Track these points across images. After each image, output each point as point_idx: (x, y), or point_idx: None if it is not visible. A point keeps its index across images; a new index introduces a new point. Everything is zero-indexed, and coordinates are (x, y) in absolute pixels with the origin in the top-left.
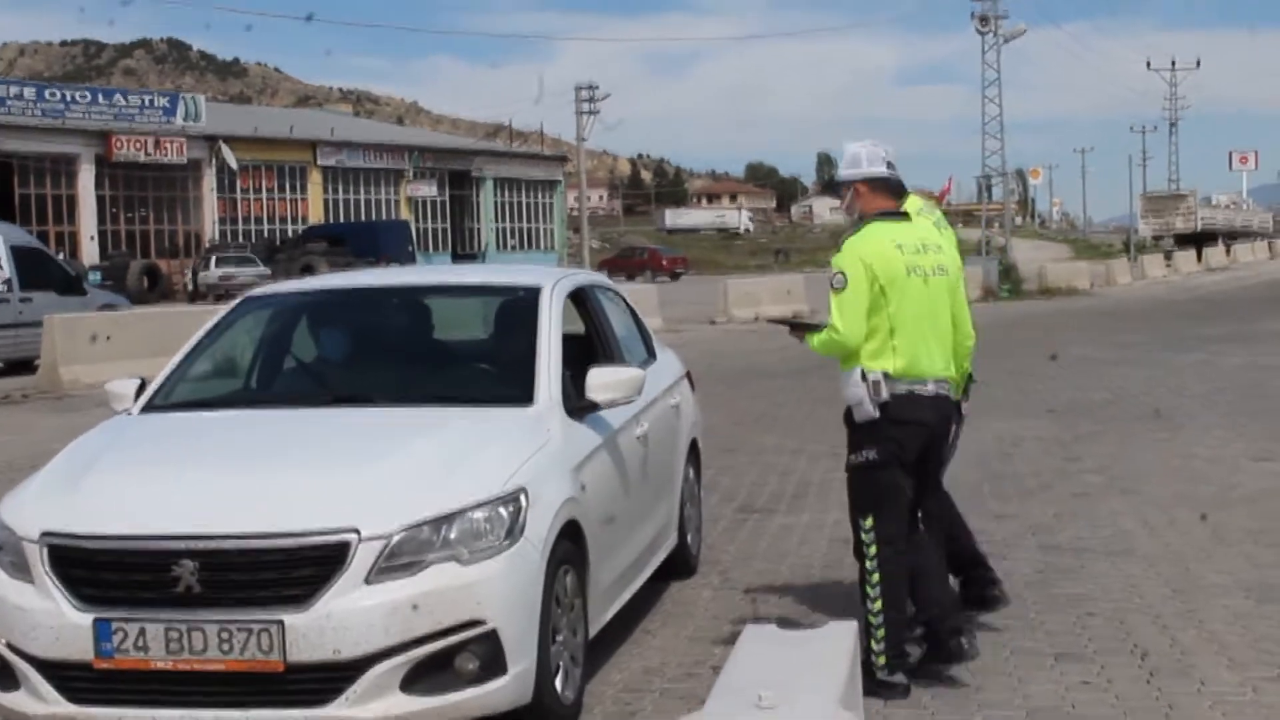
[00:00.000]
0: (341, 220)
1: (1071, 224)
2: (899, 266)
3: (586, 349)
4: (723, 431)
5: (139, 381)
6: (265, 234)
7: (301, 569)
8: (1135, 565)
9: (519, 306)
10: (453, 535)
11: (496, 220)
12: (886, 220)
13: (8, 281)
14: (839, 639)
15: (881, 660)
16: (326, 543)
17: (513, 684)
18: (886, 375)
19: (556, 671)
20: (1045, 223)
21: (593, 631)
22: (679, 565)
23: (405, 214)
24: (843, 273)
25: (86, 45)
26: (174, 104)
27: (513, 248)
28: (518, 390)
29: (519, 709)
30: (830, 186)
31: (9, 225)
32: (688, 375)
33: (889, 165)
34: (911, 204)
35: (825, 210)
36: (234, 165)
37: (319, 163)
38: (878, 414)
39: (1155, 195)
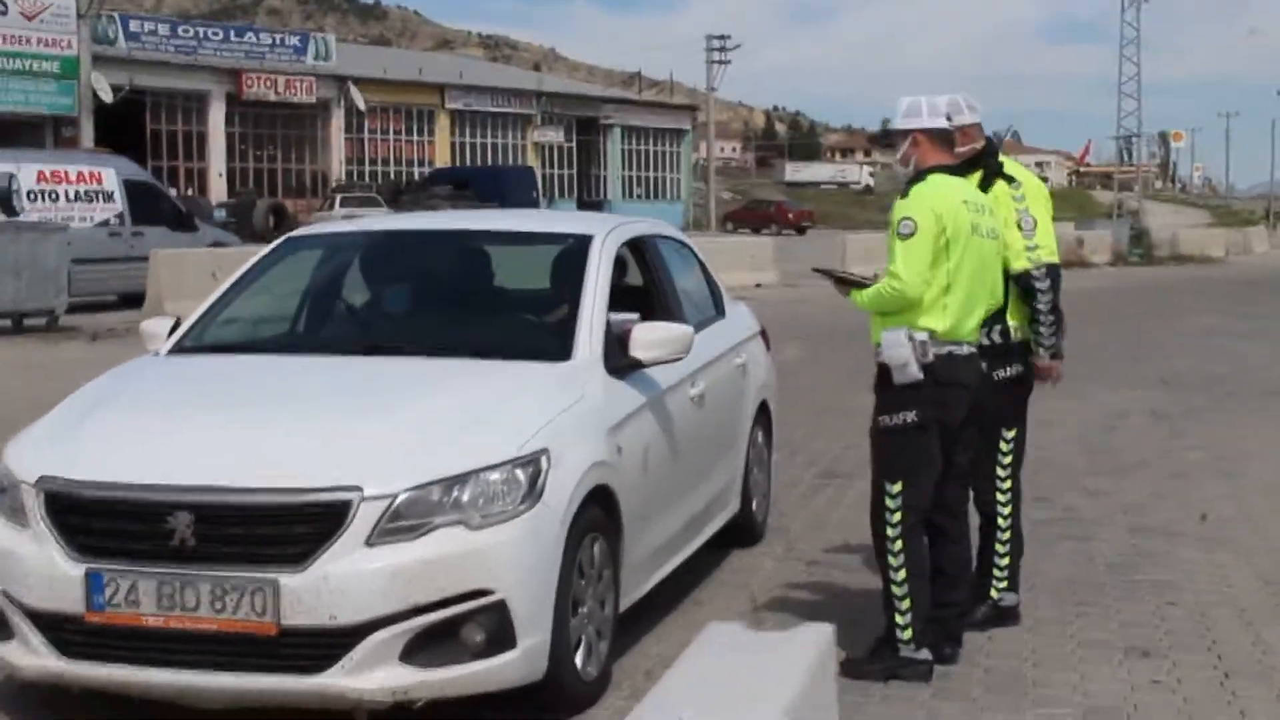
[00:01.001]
0: (468, 164)
1: (1214, 190)
2: (965, 222)
3: (645, 303)
4: (820, 391)
5: (174, 320)
6: (391, 176)
7: (299, 527)
8: (1228, 554)
9: (568, 256)
10: (464, 498)
11: (623, 168)
12: (947, 174)
13: (120, 215)
14: (806, 644)
15: (908, 635)
16: (326, 500)
17: (523, 659)
18: (931, 335)
19: (577, 646)
20: (1186, 188)
21: (625, 604)
22: (742, 532)
23: (532, 160)
24: (912, 219)
25: None
26: (305, 43)
27: (639, 196)
28: (555, 344)
29: (532, 685)
30: (884, 136)
31: (123, 159)
32: (762, 333)
33: (949, 118)
34: (1014, 168)
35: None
36: (362, 106)
37: (447, 106)
38: (921, 375)
39: None
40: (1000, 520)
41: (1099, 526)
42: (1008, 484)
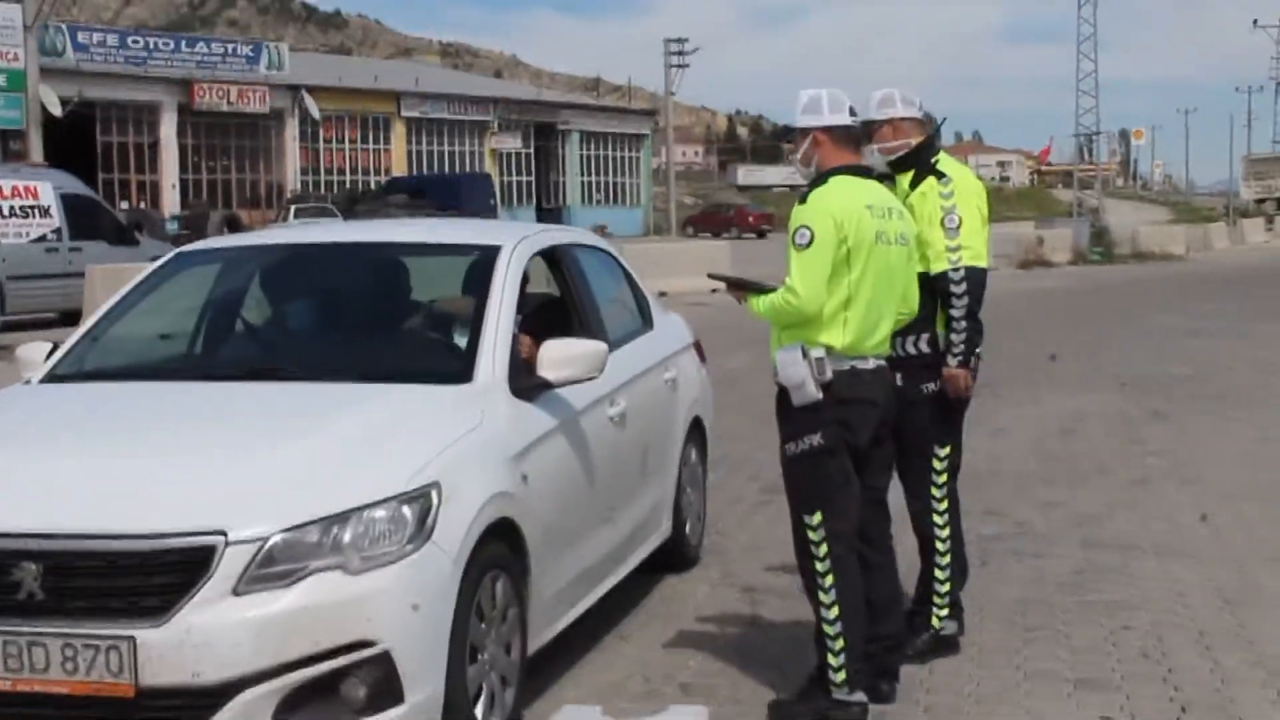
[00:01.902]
0: (425, 172)
1: (1174, 187)
2: (869, 230)
3: (561, 318)
4: (768, 400)
5: (51, 346)
6: (348, 185)
7: (158, 577)
8: (1186, 568)
9: (474, 269)
10: (345, 539)
11: (582, 174)
12: (850, 175)
13: (57, 230)
14: None
15: (841, 677)
16: (187, 545)
17: (411, 715)
18: (830, 351)
19: (477, 697)
20: (1147, 185)
21: (535, 645)
22: (674, 557)
23: (490, 167)
24: (809, 228)
25: None
26: (257, 52)
27: (598, 202)
28: (455, 366)
29: None
30: (783, 134)
31: (61, 173)
32: (696, 345)
33: (852, 113)
34: (949, 165)
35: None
36: (316, 115)
37: (403, 114)
38: (820, 395)
39: (1258, 157)
40: (939, 544)
41: (1051, 542)
42: (944, 504)
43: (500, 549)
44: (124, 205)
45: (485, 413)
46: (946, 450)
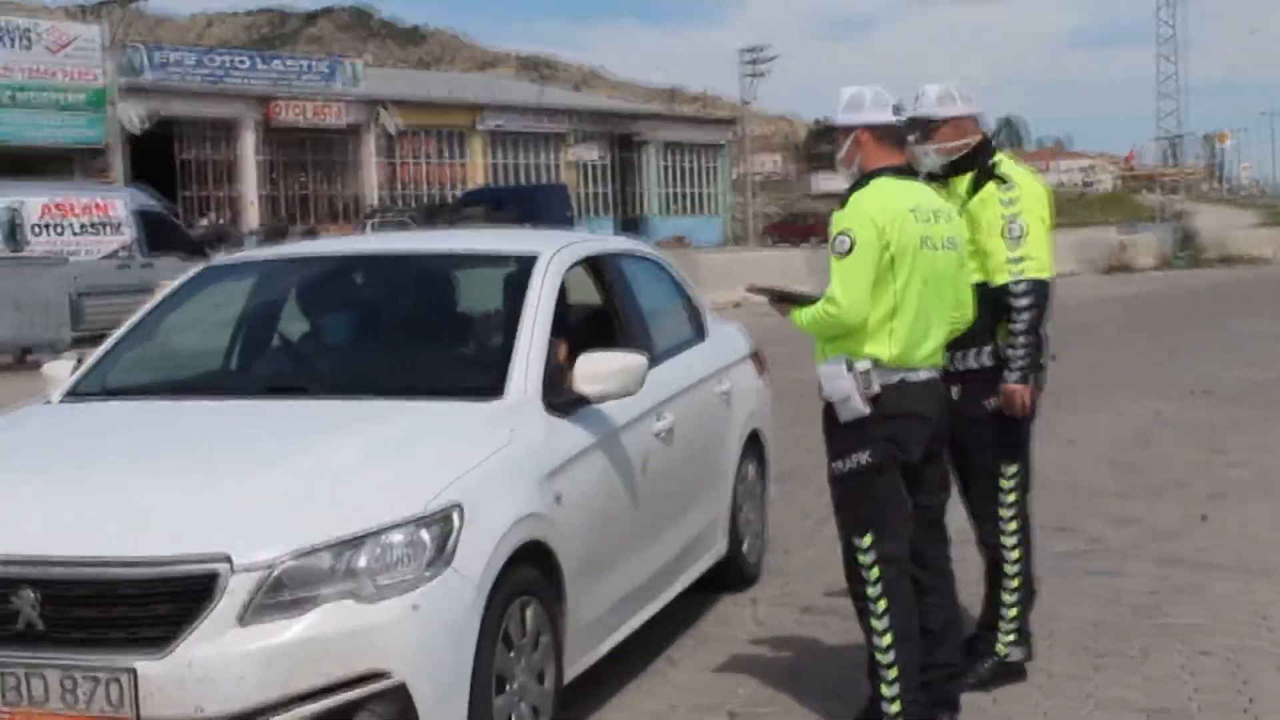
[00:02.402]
0: (503, 185)
1: (1262, 190)
2: (913, 235)
3: (605, 329)
4: None
5: (75, 361)
6: (425, 199)
7: (160, 605)
8: (1269, 588)
9: (510, 280)
10: (360, 564)
11: (661, 185)
12: (895, 177)
13: (129, 246)
14: None
15: (895, 708)
16: (189, 573)
17: None
18: (876, 363)
19: None
20: (1234, 188)
21: (572, 673)
22: (731, 576)
23: (568, 179)
24: (850, 234)
25: (272, 15)
26: (333, 69)
27: (677, 212)
28: (486, 380)
29: None
30: (824, 134)
31: (135, 189)
32: (755, 356)
33: (896, 110)
34: (1010, 167)
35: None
36: (393, 130)
37: (480, 127)
38: (868, 410)
39: None
40: (1008, 567)
41: (1126, 559)
42: (1014, 524)
43: (530, 573)
44: (204, 221)
45: (516, 430)
46: (1014, 469)
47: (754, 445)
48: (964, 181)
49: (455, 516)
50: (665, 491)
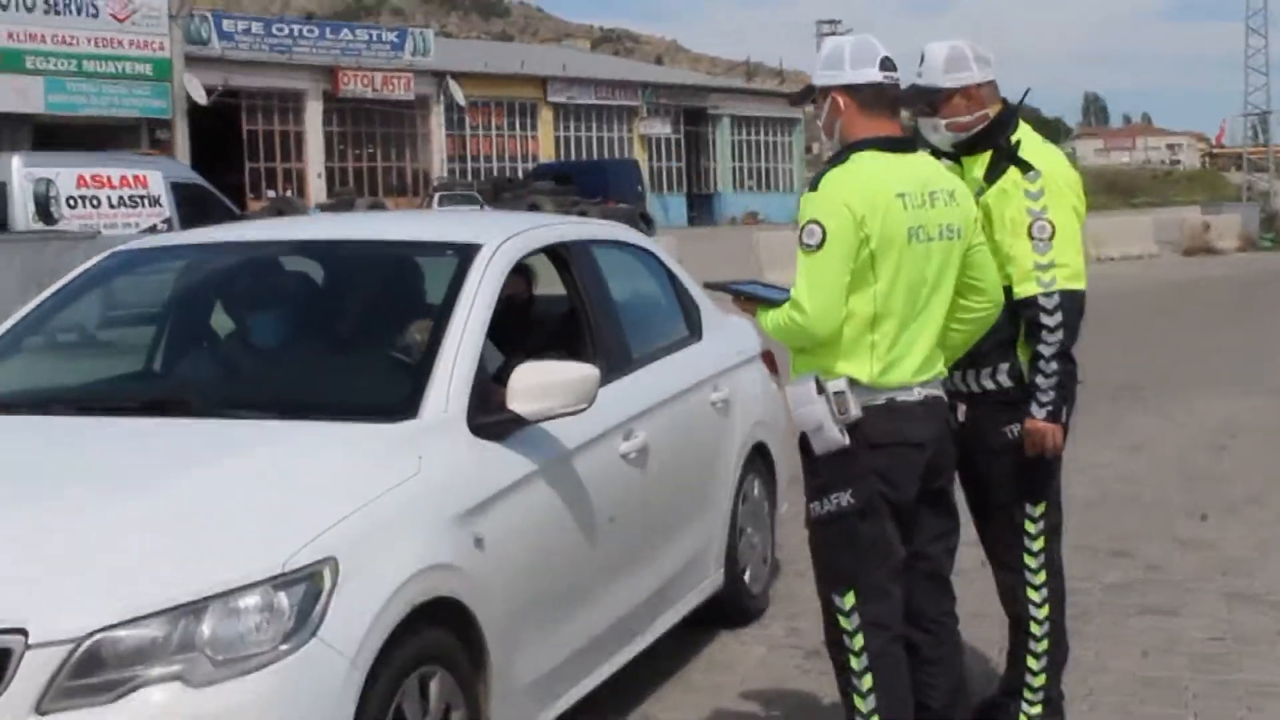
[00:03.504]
0: (572, 159)
1: None
2: (899, 225)
3: (571, 333)
4: None
5: None
6: (494, 172)
7: None
8: None
9: (443, 274)
10: (198, 636)
11: (733, 159)
12: (881, 151)
13: (167, 220)
14: None
15: None
16: None
17: None
18: (854, 383)
19: None
20: None
21: None
22: (730, 609)
23: (639, 153)
24: (820, 224)
25: None
26: (402, 39)
27: (750, 188)
28: (397, 396)
29: None
30: (805, 96)
31: (172, 161)
32: (765, 356)
33: (886, 66)
34: (1034, 148)
35: (1090, 152)
36: (462, 101)
37: (549, 99)
38: (847, 440)
39: None
40: (1034, 626)
41: (1188, 593)
42: (1040, 575)
43: (436, 637)
44: (270, 193)
45: (427, 458)
46: (1041, 509)
47: (759, 459)
48: (979, 163)
49: (325, 574)
50: (636, 522)
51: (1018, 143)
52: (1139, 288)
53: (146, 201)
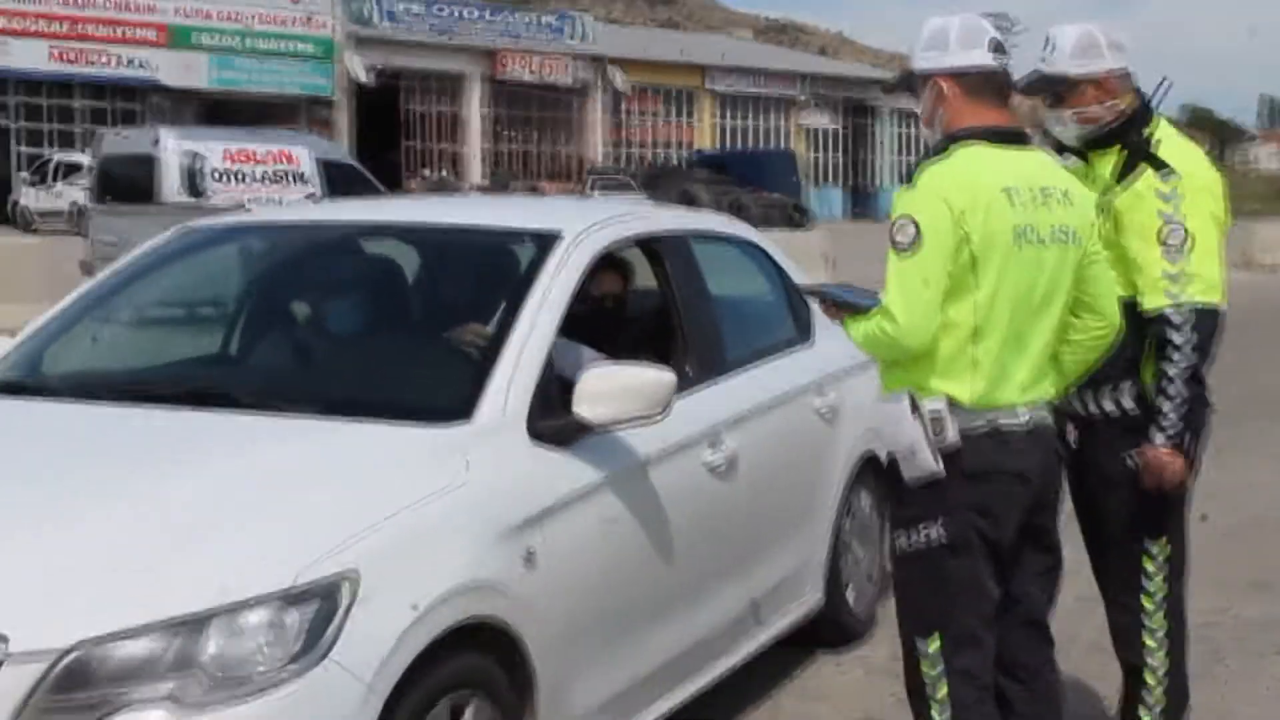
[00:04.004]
0: (731, 148)
1: None
2: (1005, 224)
3: (663, 331)
4: None
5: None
6: (653, 159)
7: None
8: None
9: (516, 264)
10: (198, 654)
11: (895, 153)
12: (988, 145)
13: (314, 197)
14: None
15: None
16: None
17: None
18: (953, 404)
19: None
20: None
21: None
22: (830, 630)
23: (798, 144)
24: (914, 220)
25: None
26: (562, 23)
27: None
28: (452, 397)
29: None
30: (905, 82)
31: (319, 138)
32: None
33: (996, 49)
34: (1173, 146)
35: (1264, 156)
36: (622, 87)
37: (709, 87)
38: (940, 468)
39: None
40: (1149, 675)
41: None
42: (1159, 618)
43: (474, 661)
44: (424, 172)
45: (475, 464)
46: (1162, 544)
47: (869, 471)
48: (1109, 162)
49: (344, 590)
50: (721, 537)
51: (1151, 138)
52: None
53: (293, 178)
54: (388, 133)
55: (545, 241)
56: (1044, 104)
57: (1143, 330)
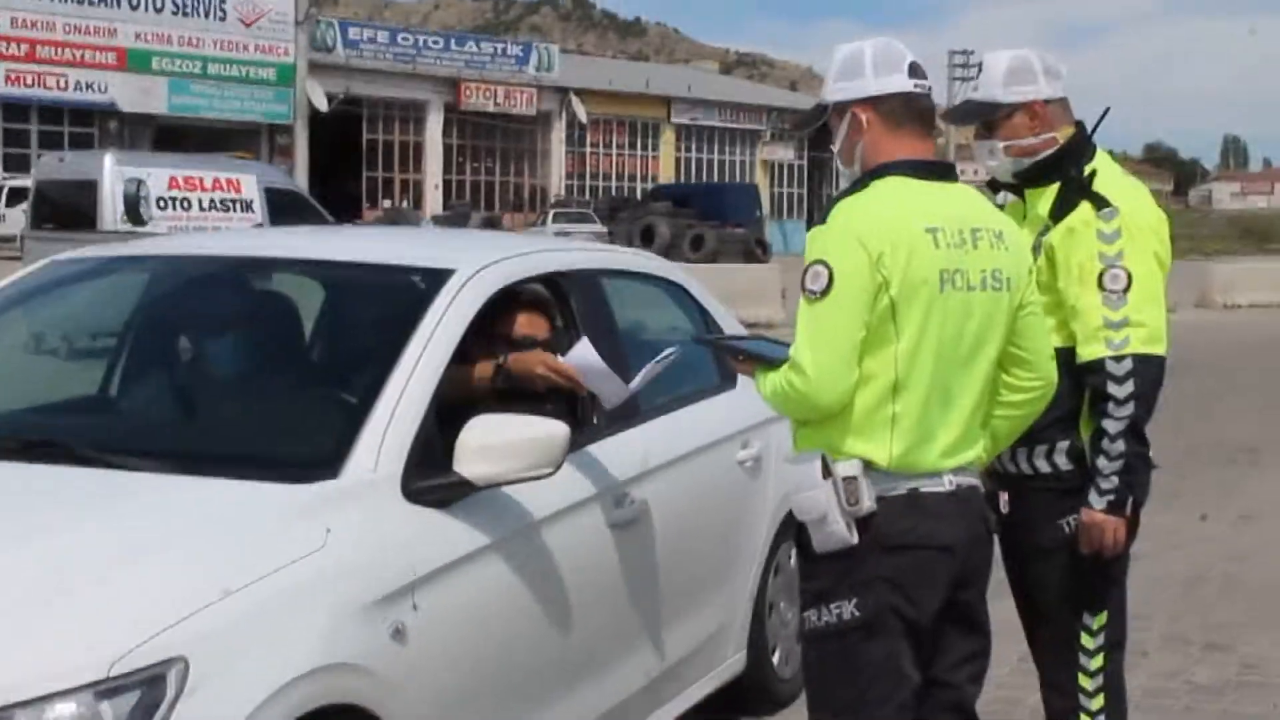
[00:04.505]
0: (693, 181)
1: None
2: (927, 267)
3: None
4: None
5: None
6: (613, 191)
7: None
8: None
9: (401, 304)
10: None
11: None
12: (909, 177)
13: (259, 226)
14: None
15: None
16: None
17: None
18: (869, 467)
19: None
20: None
21: None
22: (755, 695)
23: (760, 177)
24: (827, 265)
25: (496, 1)
26: (527, 53)
27: None
28: (318, 450)
29: None
30: (816, 116)
31: (266, 166)
32: None
33: (915, 73)
34: (1111, 180)
35: (1226, 196)
36: (584, 118)
37: (673, 120)
38: (855, 538)
39: None
40: None
41: None
42: (1098, 700)
43: None
44: (385, 203)
45: (336, 530)
46: (1101, 620)
47: (799, 526)
48: (1045, 197)
49: (170, 678)
50: (627, 600)
51: (1092, 173)
52: (1269, 338)
53: (239, 206)
54: (349, 161)
55: (436, 278)
56: (974, 134)
57: (1080, 382)
